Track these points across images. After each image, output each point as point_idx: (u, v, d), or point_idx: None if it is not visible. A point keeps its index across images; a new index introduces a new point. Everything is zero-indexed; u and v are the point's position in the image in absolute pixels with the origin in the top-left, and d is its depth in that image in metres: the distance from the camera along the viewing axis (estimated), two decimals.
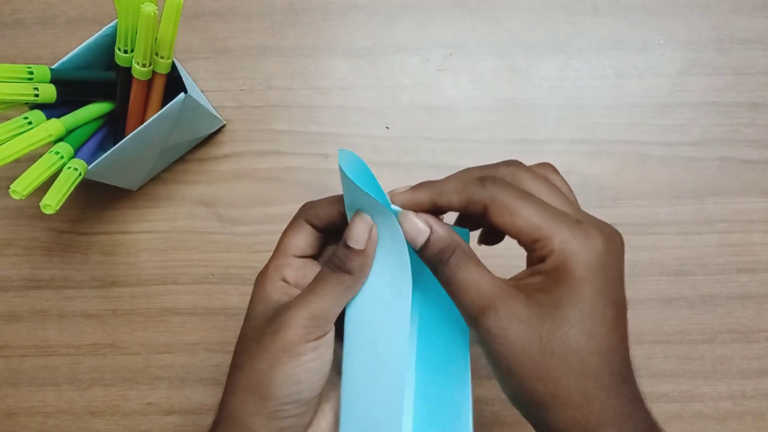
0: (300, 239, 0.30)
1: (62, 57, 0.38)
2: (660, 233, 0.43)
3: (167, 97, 0.39)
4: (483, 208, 0.26)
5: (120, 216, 0.45)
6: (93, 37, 0.38)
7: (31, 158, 0.36)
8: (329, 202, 0.30)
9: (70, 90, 0.38)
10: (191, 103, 0.39)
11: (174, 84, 0.39)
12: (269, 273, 0.29)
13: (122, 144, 0.37)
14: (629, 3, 0.46)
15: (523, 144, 0.45)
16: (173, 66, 0.38)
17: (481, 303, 0.25)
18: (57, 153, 0.36)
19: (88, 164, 0.37)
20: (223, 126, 0.45)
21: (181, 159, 0.45)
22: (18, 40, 0.47)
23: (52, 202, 0.34)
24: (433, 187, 0.28)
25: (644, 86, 0.45)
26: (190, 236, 0.44)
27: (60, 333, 0.44)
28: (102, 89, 0.40)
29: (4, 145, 0.34)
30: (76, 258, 0.45)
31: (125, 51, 0.36)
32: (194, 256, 0.44)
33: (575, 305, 0.24)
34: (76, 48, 0.38)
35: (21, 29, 0.47)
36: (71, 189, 0.36)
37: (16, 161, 0.35)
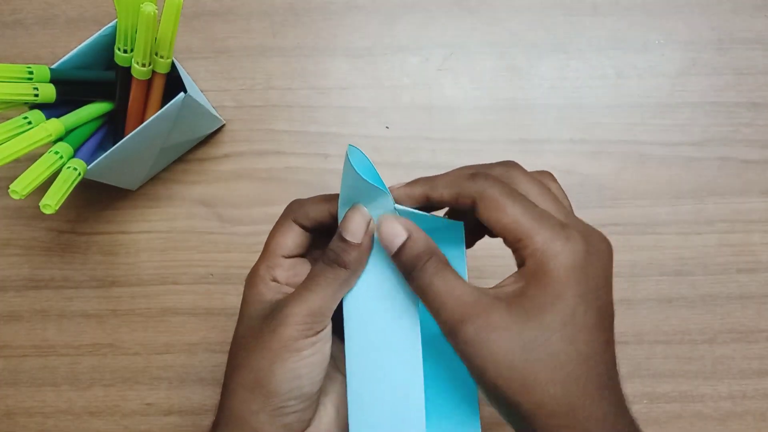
0: (288, 239, 0.29)
1: (62, 57, 0.38)
2: (660, 233, 0.43)
3: (167, 97, 0.39)
4: (472, 202, 0.26)
5: (120, 216, 0.45)
6: (93, 37, 0.38)
7: (31, 158, 0.36)
8: (318, 202, 0.29)
9: (70, 90, 0.38)
10: (191, 103, 0.39)
11: (174, 84, 0.39)
12: (260, 274, 0.29)
13: (122, 144, 0.37)
14: (629, 3, 0.46)
15: (523, 144, 0.45)
16: (173, 66, 0.38)
17: (459, 312, 0.24)
18: (56, 153, 0.36)
19: (88, 164, 0.37)
20: (223, 126, 0.45)
21: (181, 159, 0.45)
22: (18, 40, 0.47)
23: (52, 202, 0.34)
24: (427, 182, 0.28)
25: (644, 86, 0.45)
26: (190, 236, 0.44)
27: (60, 333, 0.44)
28: (101, 89, 0.40)
29: (4, 145, 0.34)
30: (76, 258, 0.44)
31: (125, 51, 0.36)
32: (194, 256, 0.44)
33: (556, 310, 0.23)
34: (76, 48, 0.38)
35: (21, 29, 0.47)
36: (71, 189, 0.36)
37: (16, 161, 0.35)
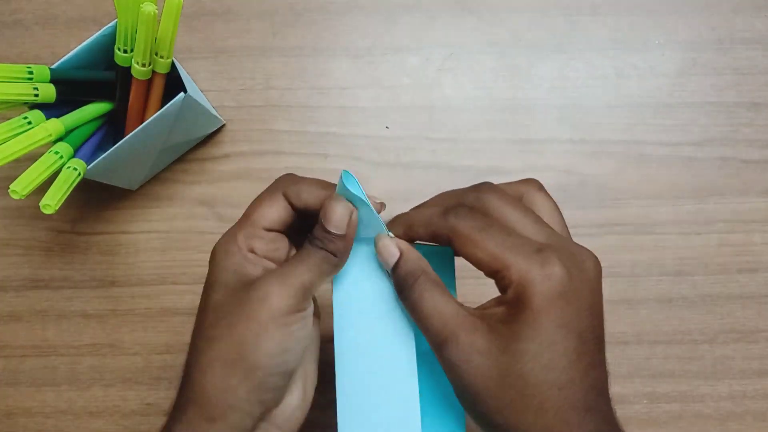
0: (274, 212, 0.29)
1: (62, 57, 0.38)
2: (660, 233, 0.43)
3: (167, 97, 0.39)
4: (447, 240, 0.26)
5: (119, 216, 0.45)
6: (93, 37, 0.38)
7: (31, 158, 0.36)
8: (314, 185, 0.29)
9: (70, 90, 0.38)
10: (191, 103, 0.39)
11: (174, 84, 0.39)
12: (238, 242, 0.28)
13: (122, 144, 0.37)
14: (629, 3, 0.46)
15: (523, 144, 0.45)
16: (173, 66, 0.38)
17: (444, 332, 0.25)
18: (56, 153, 0.36)
19: (88, 164, 0.37)
20: (223, 126, 0.45)
21: (181, 159, 0.45)
22: (18, 40, 0.47)
23: (52, 202, 0.34)
24: (404, 222, 0.28)
25: (644, 86, 0.45)
26: (190, 236, 0.44)
27: (59, 333, 0.44)
28: (101, 89, 0.40)
29: (4, 145, 0.34)
30: (76, 258, 0.44)
31: (125, 51, 0.36)
32: (194, 256, 0.44)
33: (533, 338, 0.24)
34: (76, 48, 0.38)
35: (21, 29, 0.47)
36: (71, 189, 0.36)
37: (16, 161, 0.35)
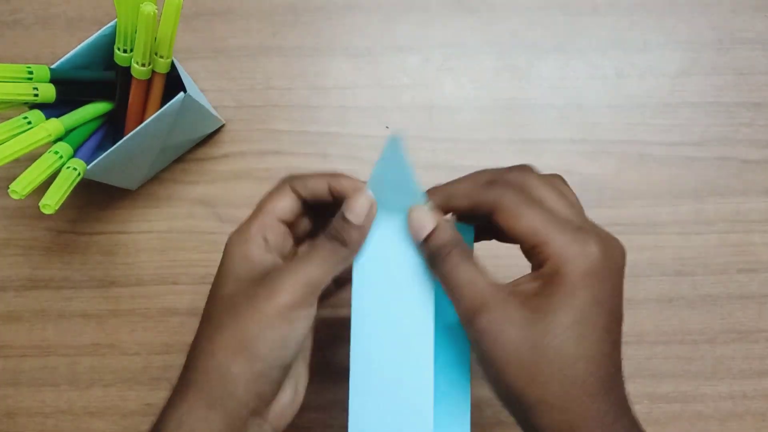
0: (285, 203, 0.29)
1: (62, 57, 0.38)
2: (660, 233, 0.43)
3: (167, 97, 0.39)
4: (489, 211, 0.27)
5: (119, 216, 0.45)
6: (92, 37, 0.38)
7: (31, 158, 0.36)
8: (319, 176, 0.30)
9: (70, 90, 0.38)
10: (191, 103, 0.39)
11: (173, 84, 0.39)
12: (252, 232, 0.29)
13: (121, 144, 0.37)
14: (629, 3, 0.46)
15: (523, 144, 0.45)
16: (173, 65, 0.38)
17: (477, 302, 0.25)
18: (56, 153, 0.36)
19: (88, 164, 0.37)
20: (223, 126, 0.45)
21: (181, 159, 0.45)
22: (18, 40, 0.47)
23: (51, 202, 0.34)
24: (444, 192, 0.28)
25: (644, 86, 0.45)
26: (190, 236, 0.44)
27: (59, 333, 0.44)
28: (101, 89, 0.40)
29: (4, 145, 0.34)
30: (76, 258, 0.44)
31: (125, 51, 0.36)
32: (194, 256, 0.44)
33: (568, 310, 0.24)
34: (76, 48, 0.38)
35: (21, 29, 0.47)
36: (70, 189, 0.36)
37: (16, 161, 0.35)
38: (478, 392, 0.42)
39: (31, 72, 0.36)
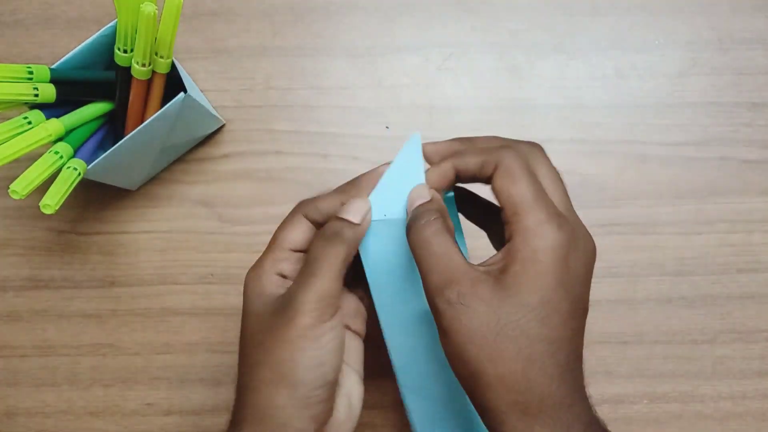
0: (298, 233, 0.30)
1: (62, 57, 0.38)
2: (660, 233, 0.43)
3: (167, 97, 0.39)
4: (493, 169, 0.27)
5: (119, 216, 0.45)
6: (92, 37, 0.38)
7: (31, 158, 0.36)
8: (329, 196, 0.30)
9: (70, 90, 0.38)
10: (191, 103, 0.39)
11: (174, 84, 0.39)
12: (265, 268, 0.29)
13: (122, 144, 0.37)
14: (629, 3, 0.46)
15: None
16: (173, 66, 0.38)
17: (448, 275, 0.25)
18: (56, 153, 0.36)
19: (88, 164, 0.37)
20: (223, 126, 0.45)
21: (181, 159, 0.45)
22: (18, 40, 0.47)
23: (52, 202, 0.34)
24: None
25: (644, 86, 0.45)
26: (190, 236, 0.44)
27: (59, 333, 0.44)
28: (101, 89, 0.40)
29: (4, 145, 0.34)
30: (76, 258, 0.44)
31: (125, 51, 0.36)
32: (194, 256, 0.44)
33: (534, 290, 0.25)
34: (76, 48, 0.38)
35: (21, 29, 0.47)
36: (71, 189, 0.36)
37: (16, 161, 0.35)
38: None
39: (32, 72, 0.36)
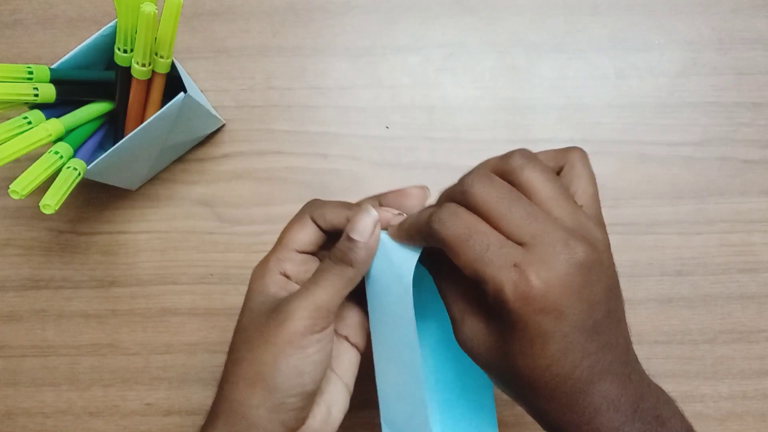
0: (304, 235, 0.30)
1: (62, 57, 0.38)
2: (660, 233, 0.43)
3: (167, 97, 0.39)
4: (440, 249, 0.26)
5: (119, 216, 0.45)
6: (92, 37, 0.38)
7: (31, 158, 0.36)
8: (338, 207, 0.30)
9: (70, 90, 0.38)
10: (191, 103, 0.39)
11: (174, 84, 0.39)
12: (269, 266, 0.29)
13: (122, 144, 0.37)
14: (629, 3, 0.46)
15: (523, 144, 0.44)
16: (173, 66, 0.38)
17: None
18: (56, 153, 0.36)
19: (88, 164, 0.37)
20: (223, 126, 0.45)
21: (181, 159, 0.45)
22: (18, 40, 0.47)
23: (52, 202, 0.34)
24: (400, 228, 0.28)
25: (644, 86, 0.45)
26: (190, 236, 0.44)
27: (59, 333, 0.44)
28: (101, 89, 0.40)
29: (4, 145, 0.34)
30: (76, 258, 0.44)
31: (125, 51, 0.36)
32: (194, 256, 0.44)
33: (518, 344, 0.24)
34: (76, 48, 0.38)
35: (21, 29, 0.47)
36: (71, 189, 0.36)
37: (16, 161, 0.35)
38: None
39: (32, 72, 0.36)
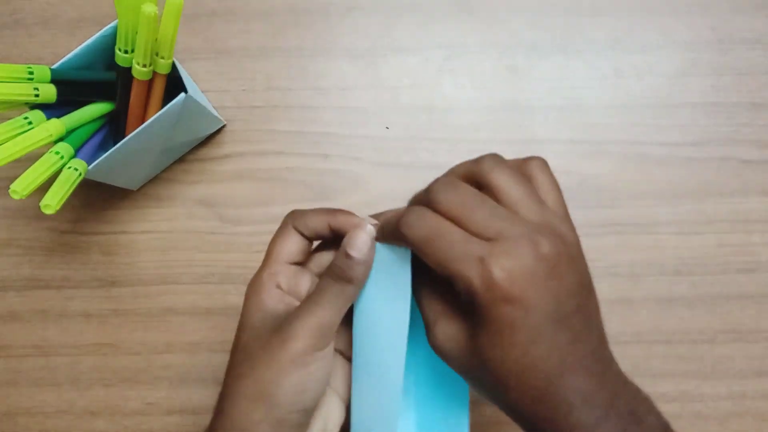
0: (291, 245, 0.30)
1: (63, 57, 0.38)
2: (660, 233, 0.43)
3: (167, 98, 0.39)
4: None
5: (120, 216, 0.45)
6: (93, 38, 0.38)
7: (31, 158, 0.36)
8: (318, 214, 0.30)
9: (71, 90, 0.38)
10: (191, 104, 0.39)
11: (174, 84, 0.39)
12: (263, 281, 0.30)
13: (122, 144, 0.37)
14: (629, 3, 0.46)
15: (523, 144, 0.45)
16: (173, 66, 0.38)
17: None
18: (57, 153, 0.36)
19: (89, 164, 0.37)
20: (224, 126, 0.46)
21: (182, 159, 0.45)
22: (18, 40, 0.47)
23: (52, 202, 0.34)
24: (378, 231, 0.28)
25: (644, 86, 0.45)
26: (191, 236, 0.44)
27: (60, 333, 0.44)
28: (102, 89, 0.40)
29: (4, 145, 0.34)
30: (77, 258, 0.45)
31: (125, 51, 0.37)
32: (194, 256, 0.44)
33: (491, 345, 0.24)
34: (77, 48, 0.38)
35: (21, 29, 0.47)
36: (71, 189, 0.36)
37: (17, 161, 0.35)
38: None
39: (32, 72, 0.36)
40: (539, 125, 0.45)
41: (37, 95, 0.36)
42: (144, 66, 0.37)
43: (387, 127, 0.45)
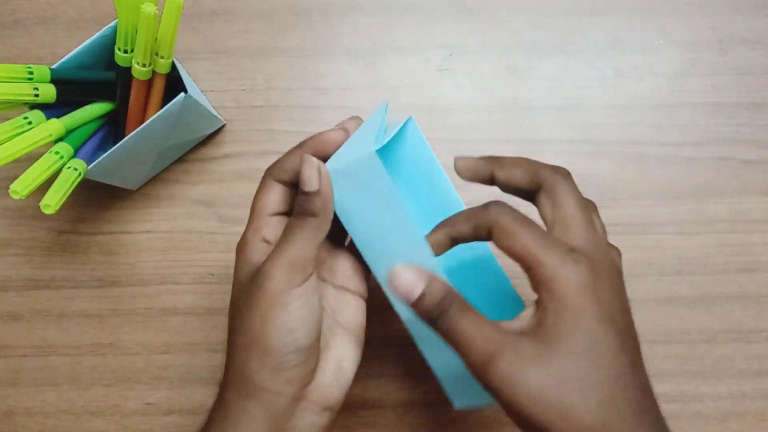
0: (272, 196, 0.30)
1: (62, 57, 0.38)
2: (660, 233, 0.43)
3: (167, 98, 0.39)
4: (488, 233, 0.27)
5: (120, 216, 0.45)
6: (93, 37, 0.38)
7: (31, 158, 0.36)
8: (290, 154, 0.30)
9: (70, 90, 0.38)
10: (191, 103, 0.39)
11: (174, 84, 0.39)
12: (248, 238, 0.30)
13: (122, 144, 0.37)
14: (629, 3, 0.46)
15: (523, 144, 0.45)
16: (173, 66, 0.38)
17: (489, 349, 0.25)
18: (57, 153, 0.36)
19: (88, 164, 0.37)
20: (224, 126, 0.46)
21: (182, 159, 0.45)
22: (18, 40, 0.47)
23: (52, 202, 0.34)
24: (447, 224, 0.29)
25: (644, 86, 0.45)
26: (190, 236, 0.44)
27: (60, 333, 0.44)
28: (102, 89, 0.40)
29: (4, 145, 0.34)
30: (77, 258, 0.45)
31: (125, 51, 0.37)
32: (194, 256, 0.44)
33: (577, 335, 0.24)
34: (77, 48, 0.38)
35: (21, 29, 0.47)
36: (71, 189, 0.36)
37: (16, 161, 0.35)
38: None
39: (32, 72, 0.36)
40: (539, 125, 0.45)
41: (37, 95, 0.36)
42: (144, 66, 0.37)
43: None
